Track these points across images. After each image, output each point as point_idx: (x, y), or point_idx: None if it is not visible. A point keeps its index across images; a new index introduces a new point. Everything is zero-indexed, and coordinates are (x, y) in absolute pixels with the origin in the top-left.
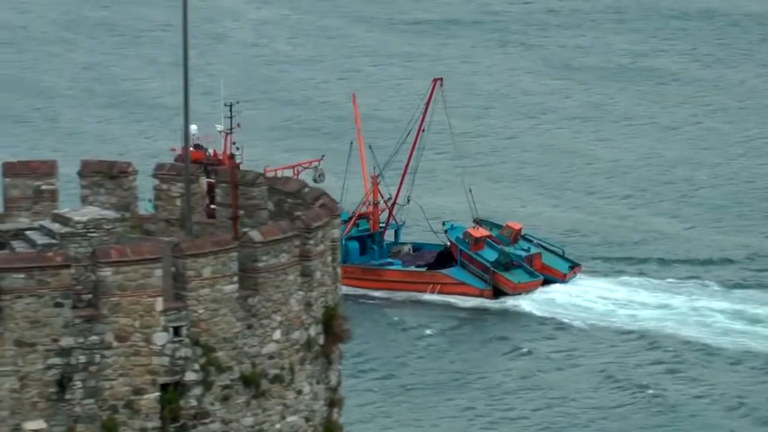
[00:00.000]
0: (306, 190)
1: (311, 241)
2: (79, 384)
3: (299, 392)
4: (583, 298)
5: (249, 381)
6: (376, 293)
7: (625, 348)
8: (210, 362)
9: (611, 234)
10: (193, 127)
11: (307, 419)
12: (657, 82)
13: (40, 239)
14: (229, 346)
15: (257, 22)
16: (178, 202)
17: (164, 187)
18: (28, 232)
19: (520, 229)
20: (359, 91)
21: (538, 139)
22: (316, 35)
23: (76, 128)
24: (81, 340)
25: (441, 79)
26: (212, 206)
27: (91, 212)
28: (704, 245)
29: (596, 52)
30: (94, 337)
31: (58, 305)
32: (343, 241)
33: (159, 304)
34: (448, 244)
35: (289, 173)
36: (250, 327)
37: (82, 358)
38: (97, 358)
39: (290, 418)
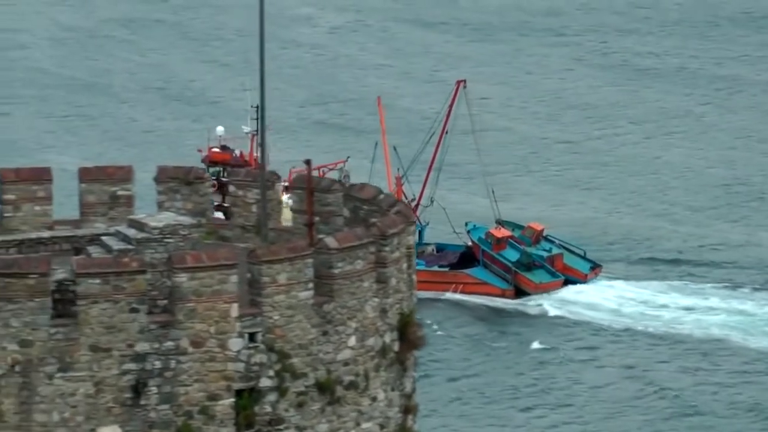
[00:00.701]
0: (381, 196)
1: (387, 248)
2: (154, 389)
3: (374, 399)
4: (603, 298)
5: (324, 387)
6: None
7: (646, 348)
8: (285, 368)
9: (633, 235)
10: (220, 129)
11: (382, 426)
12: (685, 81)
13: (116, 245)
14: (304, 353)
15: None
16: (254, 208)
17: (240, 193)
18: (104, 238)
19: (542, 230)
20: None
21: (561, 141)
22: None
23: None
24: (156, 345)
25: (464, 81)
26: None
27: (167, 218)
28: (729, 247)
29: (622, 51)
30: (170, 343)
31: (134, 311)
32: None
33: (234, 310)
34: (471, 244)
35: (315, 174)
36: (325, 333)
37: (158, 364)
38: (173, 363)
39: (365, 425)
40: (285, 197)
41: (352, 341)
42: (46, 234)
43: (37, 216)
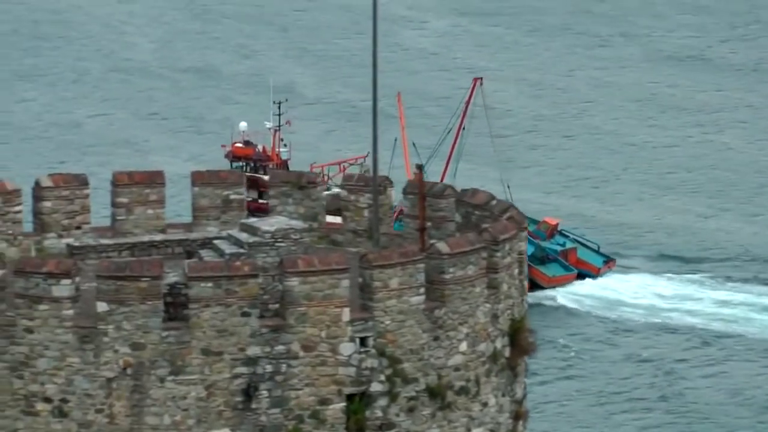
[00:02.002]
0: (493, 202)
1: (498, 254)
2: (265, 393)
3: (485, 404)
4: (616, 292)
5: (435, 393)
6: None
7: (660, 341)
8: (396, 373)
9: (647, 229)
10: (243, 124)
11: (492, 431)
12: (694, 67)
13: (228, 248)
14: (416, 358)
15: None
16: (366, 213)
17: (352, 197)
18: (216, 241)
19: (556, 225)
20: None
21: (577, 135)
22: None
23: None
24: (267, 349)
25: (481, 78)
26: (260, 200)
27: (279, 222)
28: (744, 241)
29: (639, 41)
30: (281, 347)
31: (246, 314)
32: None
33: (346, 314)
34: None
35: (335, 169)
36: (436, 339)
37: (269, 368)
38: (284, 367)
39: (475, 430)
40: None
41: (463, 346)
42: (158, 237)
43: (149, 219)
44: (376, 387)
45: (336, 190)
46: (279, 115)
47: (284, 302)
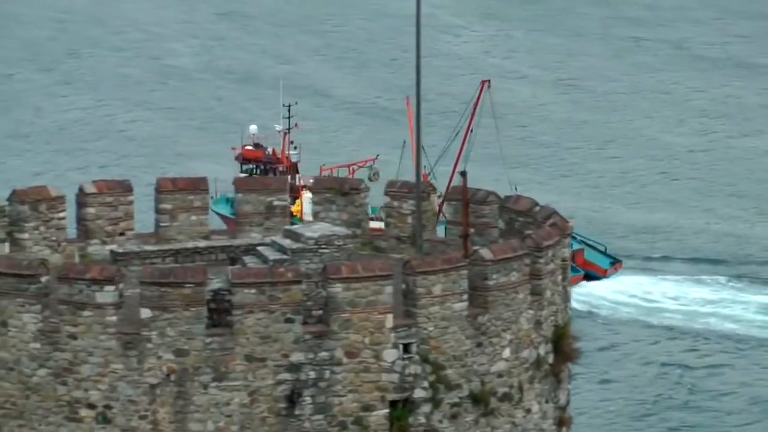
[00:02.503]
0: (537, 209)
1: (542, 260)
2: (308, 400)
3: (528, 411)
4: (623, 293)
5: (478, 399)
6: None
7: (665, 342)
8: (439, 380)
9: (654, 231)
10: (253, 127)
11: None
12: (702, 68)
13: (271, 255)
14: (459, 364)
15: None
16: (409, 219)
17: (395, 204)
18: (259, 248)
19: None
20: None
21: (585, 138)
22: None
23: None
24: (311, 355)
25: (489, 81)
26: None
27: (322, 228)
28: (753, 241)
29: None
30: (324, 353)
31: (289, 321)
32: None
33: (389, 321)
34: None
35: (344, 172)
36: (479, 345)
37: (312, 374)
38: (327, 374)
39: None
40: (308, 195)
41: (507, 353)
42: (202, 244)
43: (193, 225)
44: (419, 393)
45: None
46: (289, 117)
47: (328, 309)
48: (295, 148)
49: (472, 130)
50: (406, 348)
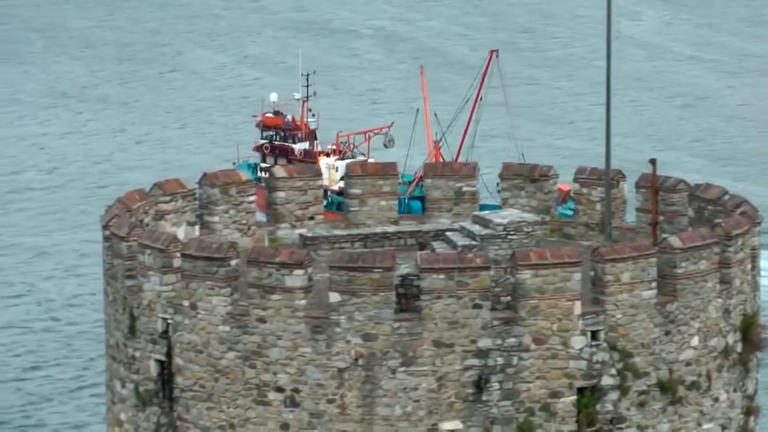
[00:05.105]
0: (726, 197)
1: (731, 249)
2: (496, 386)
3: (716, 400)
4: None
5: (666, 387)
6: None
7: None
8: (627, 367)
9: None
10: (273, 95)
11: (723, 427)
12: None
13: (460, 240)
14: (647, 352)
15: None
16: (598, 206)
17: (584, 191)
18: (448, 233)
19: (569, 191)
20: None
21: (590, 105)
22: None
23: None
24: (499, 342)
25: (497, 50)
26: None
27: (511, 215)
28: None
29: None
30: (512, 340)
31: (477, 307)
32: (407, 200)
33: (577, 307)
34: (501, 203)
35: (360, 138)
36: (667, 333)
37: (500, 360)
38: (515, 360)
39: (706, 426)
40: (337, 163)
41: (695, 341)
42: (391, 229)
43: (382, 210)
44: (607, 381)
45: (361, 157)
46: (307, 86)
47: (516, 295)
48: (313, 115)
49: (481, 99)
50: (594, 335)
